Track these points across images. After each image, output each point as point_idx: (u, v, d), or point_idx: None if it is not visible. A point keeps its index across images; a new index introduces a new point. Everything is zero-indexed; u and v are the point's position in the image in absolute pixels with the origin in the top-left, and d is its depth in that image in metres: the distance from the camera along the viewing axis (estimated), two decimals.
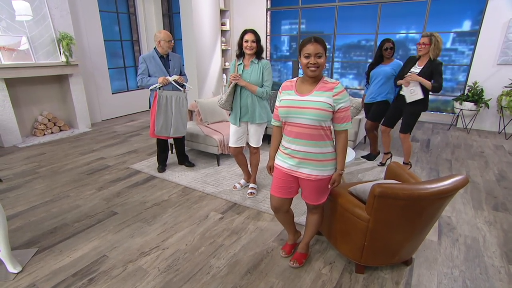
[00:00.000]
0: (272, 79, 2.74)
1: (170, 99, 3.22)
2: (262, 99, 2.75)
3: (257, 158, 2.99)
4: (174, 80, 3.21)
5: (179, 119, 3.32)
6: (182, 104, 3.31)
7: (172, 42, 3.19)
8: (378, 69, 3.50)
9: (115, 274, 1.99)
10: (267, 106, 2.81)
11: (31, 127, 5.05)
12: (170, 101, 3.23)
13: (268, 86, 2.70)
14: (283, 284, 1.90)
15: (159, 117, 3.22)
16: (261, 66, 2.65)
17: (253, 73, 2.66)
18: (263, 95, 2.70)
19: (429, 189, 1.62)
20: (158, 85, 3.14)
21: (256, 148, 2.93)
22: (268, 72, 2.69)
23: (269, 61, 2.75)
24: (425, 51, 3.05)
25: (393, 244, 1.85)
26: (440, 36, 2.99)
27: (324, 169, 1.76)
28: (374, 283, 1.92)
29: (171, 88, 3.24)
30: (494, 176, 3.46)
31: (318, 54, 1.63)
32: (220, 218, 2.64)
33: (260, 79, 2.67)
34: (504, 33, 4.77)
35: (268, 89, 2.70)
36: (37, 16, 4.62)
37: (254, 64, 2.66)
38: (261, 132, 2.89)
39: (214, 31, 6.40)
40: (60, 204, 2.89)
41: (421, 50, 3.07)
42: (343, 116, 1.70)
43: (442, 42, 2.99)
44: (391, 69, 3.41)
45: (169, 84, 3.21)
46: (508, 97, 4.68)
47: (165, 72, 3.22)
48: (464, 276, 1.96)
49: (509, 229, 2.47)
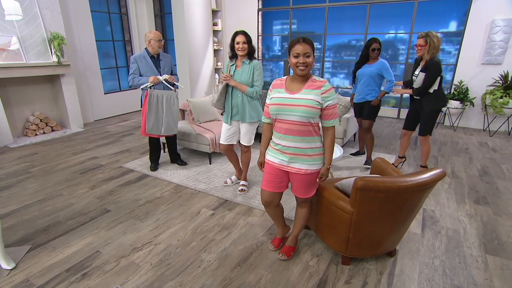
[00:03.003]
0: (263, 79, 2.80)
1: (161, 98, 3.27)
2: (252, 99, 2.81)
3: (248, 156, 3.06)
4: (164, 80, 3.25)
5: (170, 117, 3.36)
6: (173, 103, 3.35)
7: (162, 41, 3.23)
8: (363, 70, 3.50)
9: (108, 268, 2.04)
10: (258, 106, 2.87)
11: (23, 127, 5.04)
12: (161, 100, 3.27)
13: (258, 86, 2.76)
14: (272, 275, 1.97)
15: (150, 116, 3.26)
16: (252, 66, 2.72)
17: (244, 73, 2.73)
18: (253, 95, 2.76)
19: (408, 181, 1.71)
20: (149, 84, 3.19)
21: (247, 147, 3.00)
22: (259, 73, 2.74)
23: (260, 62, 2.80)
24: (422, 52, 3.01)
25: (377, 235, 1.93)
26: (437, 35, 2.92)
27: (313, 163, 1.84)
28: (359, 273, 2.00)
29: (162, 88, 3.28)
30: (477, 171, 3.58)
31: (306, 53, 1.70)
32: (212, 214, 2.70)
33: (250, 79, 2.73)
34: (488, 34, 4.93)
35: (258, 89, 2.76)
36: (28, 16, 4.61)
37: (246, 64, 2.73)
38: (252, 131, 2.95)
39: (206, 31, 6.45)
40: (53, 202, 2.91)
41: (418, 51, 3.05)
42: (331, 113, 1.78)
43: (440, 40, 2.91)
44: (375, 69, 3.40)
45: (160, 84, 3.26)
46: (491, 96, 4.83)
47: (156, 71, 3.27)
48: (444, 266, 2.06)
49: (488, 221, 2.58)
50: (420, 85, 3.05)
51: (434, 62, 2.95)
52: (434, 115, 3.18)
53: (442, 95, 3.12)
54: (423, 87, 3.03)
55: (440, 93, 3.10)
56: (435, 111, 3.16)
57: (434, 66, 2.95)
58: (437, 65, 2.94)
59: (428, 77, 2.99)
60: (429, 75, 2.98)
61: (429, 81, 3.00)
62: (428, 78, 2.99)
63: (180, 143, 4.00)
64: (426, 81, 3.00)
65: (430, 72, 2.96)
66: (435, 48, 2.92)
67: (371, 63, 3.46)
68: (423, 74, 3.03)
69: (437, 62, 2.95)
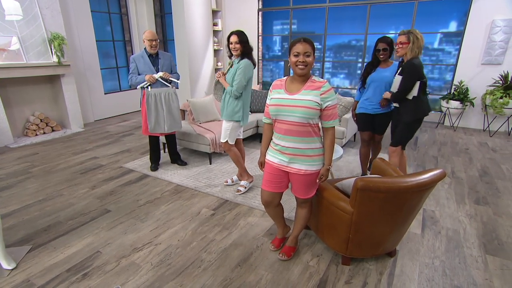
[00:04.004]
0: (243, 79, 2.72)
1: (159, 96, 3.28)
2: (234, 99, 2.84)
3: (232, 155, 3.03)
4: (160, 77, 3.25)
5: (171, 114, 3.36)
6: (172, 99, 3.35)
7: (153, 41, 3.17)
8: (376, 74, 2.94)
9: (109, 269, 2.04)
10: (238, 106, 2.84)
11: (23, 127, 5.04)
12: (159, 99, 3.28)
13: (235, 85, 2.75)
14: (272, 276, 1.98)
15: (150, 115, 3.27)
16: (237, 66, 2.76)
17: (230, 72, 2.84)
18: (230, 94, 2.81)
19: (408, 182, 1.71)
20: (146, 83, 3.20)
21: (225, 144, 2.98)
22: (239, 72, 2.72)
23: (247, 61, 2.74)
24: (403, 51, 2.63)
25: (377, 236, 1.93)
26: (420, 33, 2.58)
27: (313, 164, 1.84)
28: (359, 273, 2.00)
29: (160, 86, 3.29)
30: (477, 171, 3.59)
31: (306, 53, 1.71)
32: (212, 215, 2.70)
33: (231, 79, 2.80)
34: (488, 34, 4.93)
35: (233, 89, 2.76)
36: (28, 16, 4.62)
37: (235, 64, 2.82)
38: (227, 129, 2.92)
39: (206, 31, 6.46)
40: (53, 202, 2.92)
41: (398, 50, 2.68)
42: (330, 114, 1.78)
43: (422, 40, 2.56)
44: (390, 74, 2.87)
45: (158, 82, 3.26)
46: (491, 96, 4.83)
47: (153, 70, 3.27)
48: (444, 266, 2.06)
49: (488, 221, 2.58)
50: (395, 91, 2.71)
51: (411, 64, 2.57)
52: (413, 126, 2.77)
53: (423, 103, 2.69)
54: (399, 92, 2.67)
55: (421, 101, 2.67)
56: (414, 121, 2.74)
57: (411, 68, 2.57)
58: (415, 67, 2.57)
59: (404, 80, 2.60)
60: (405, 78, 2.60)
61: (405, 85, 2.61)
62: (404, 81, 2.60)
63: (180, 143, 4.01)
64: (402, 85, 2.63)
65: (407, 74, 2.59)
66: (419, 47, 2.57)
67: (384, 67, 2.93)
68: (400, 77, 2.67)
69: (414, 64, 2.57)
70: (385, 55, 2.86)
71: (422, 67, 2.62)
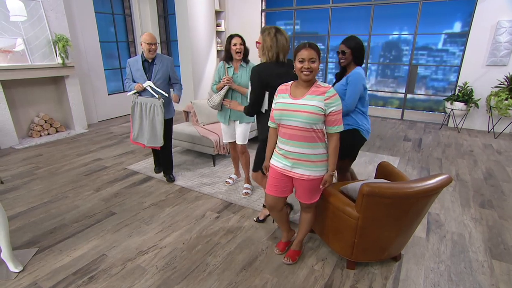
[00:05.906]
0: None
1: (145, 106, 3.11)
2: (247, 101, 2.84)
3: (246, 157, 3.06)
4: (149, 87, 3.03)
5: (153, 128, 3.14)
6: (157, 112, 3.07)
7: (154, 45, 2.97)
8: (336, 85, 2.40)
9: (114, 272, 2.05)
10: None
11: (28, 128, 5.07)
12: (144, 108, 3.12)
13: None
14: (277, 280, 1.98)
15: (134, 123, 3.19)
16: (249, 69, 2.77)
17: (243, 76, 2.83)
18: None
19: (414, 187, 1.70)
20: (134, 92, 3.08)
21: (243, 146, 3.02)
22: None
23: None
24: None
25: (382, 240, 1.93)
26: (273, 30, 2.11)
27: (316, 170, 1.84)
28: (364, 278, 2.00)
29: (150, 95, 3.07)
30: (482, 174, 3.57)
31: (312, 59, 1.70)
32: (216, 217, 2.70)
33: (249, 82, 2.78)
34: (493, 35, 4.89)
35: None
36: (33, 18, 4.64)
37: (243, 67, 2.84)
38: (248, 130, 2.99)
39: (210, 32, 6.46)
40: (58, 205, 2.93)
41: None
42: (335, 119, 1.77)
43: (271, 38, 2.10)
44: (341, 84, 2.33)
45: (147, 91, 3.07)
46: (496, 97, 4.80)
47: (145, 77, 3.05)
48: (450, 271, 2.06)
49: (494, 225, 2.57)
50: None
51: (253, 69, 2.19)
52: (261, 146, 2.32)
53: None
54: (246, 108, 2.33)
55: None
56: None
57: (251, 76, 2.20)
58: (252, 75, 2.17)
59: None
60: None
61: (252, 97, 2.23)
62: None
63: (183, 145, 4.01)
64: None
65: None
66: (267, 48, 2.14)
67: (347, 74, 2.33)
68: None
69: (255, 71, 2.17)
70: (343, 59, 2.31)
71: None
